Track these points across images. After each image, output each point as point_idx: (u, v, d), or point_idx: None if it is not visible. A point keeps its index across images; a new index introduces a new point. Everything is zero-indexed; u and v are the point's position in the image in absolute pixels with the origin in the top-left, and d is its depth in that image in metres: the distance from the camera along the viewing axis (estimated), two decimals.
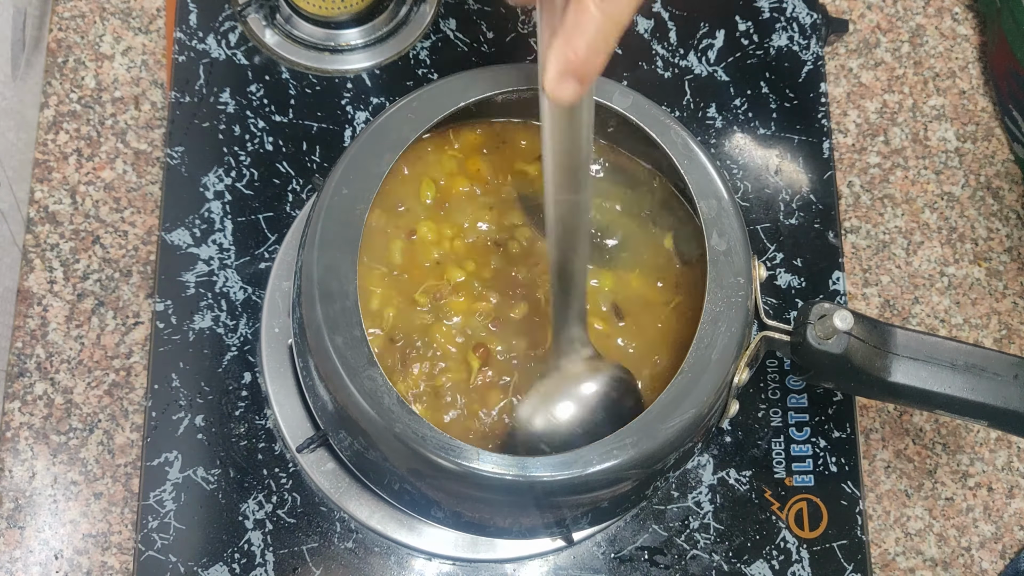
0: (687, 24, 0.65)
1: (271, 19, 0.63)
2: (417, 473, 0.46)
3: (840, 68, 0.71)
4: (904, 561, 0.61)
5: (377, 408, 0.43)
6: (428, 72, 0.63)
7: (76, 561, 0.57)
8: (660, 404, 0.44)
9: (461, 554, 0.54)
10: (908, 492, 0.62)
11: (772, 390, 0.59)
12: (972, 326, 0.66)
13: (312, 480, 0.55)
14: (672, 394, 0.45)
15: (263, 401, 0.56)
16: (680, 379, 0.45)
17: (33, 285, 0.60)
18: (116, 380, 0.59)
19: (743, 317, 0.46)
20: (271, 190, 0.60)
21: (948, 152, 0.69)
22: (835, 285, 0.61)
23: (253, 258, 0.59)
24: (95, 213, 0.62)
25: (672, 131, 0.49)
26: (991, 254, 0.67)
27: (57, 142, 0.63)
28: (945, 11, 0.73)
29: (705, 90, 0.64)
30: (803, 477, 0.57)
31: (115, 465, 0.58)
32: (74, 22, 0.66)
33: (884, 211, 0.68)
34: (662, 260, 0.52)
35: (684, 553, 0.56)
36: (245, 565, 0.54)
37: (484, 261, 0.51)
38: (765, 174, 0.63)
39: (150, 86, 0.65)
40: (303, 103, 0.61)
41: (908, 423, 0.63)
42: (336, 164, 0.48)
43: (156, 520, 0.54)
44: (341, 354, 0.44)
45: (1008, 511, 0.62)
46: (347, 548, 0.54)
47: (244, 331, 0.57)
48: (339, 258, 0.45)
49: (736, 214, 0.48)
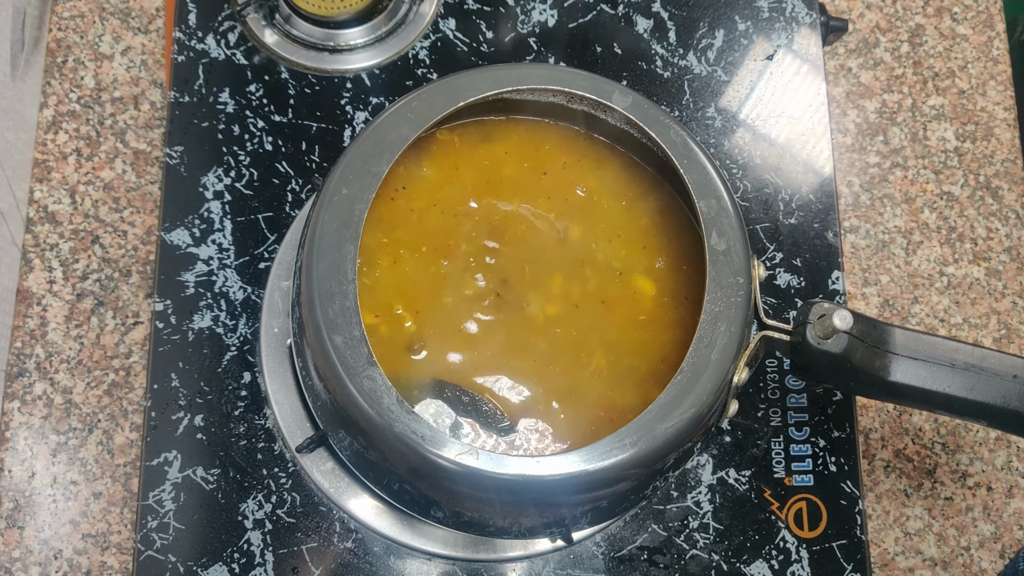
0: (687, 24, 0.65)
1: (270, 19, 0.63)
2: (417, 473, 0.46)
3: (839, 68, 0.71)
4: (903, 561, 0.61)
5: (376, 408, 0.43)
6: (428, 72, 0.63)
7: (76, 561, 0.57)
8: (660, 404, 0.44)
9: (461, 554, 0.54)
10: (907, 492, 0.62)
11: (772, 390, 0.59)
12: (971, 326, 0.66)
13: (312, 480, 0.55)
14: (672, 394, 0.45)
15: (262, 401, 0.56)
16: (680, 379, 0.45)
17: (32, 285, 0.60)
18: (115, 380, 0.59)
19: (743, 317, 0.46)
20: (270, 190, 0.60)
21: (947, 152, 0.69)
22: (834, 285, 0.61)
23: (252, 258, 0.59)
24: (94, 213, 0.62)
25: (672, 131, 0.49)
26: (990, 254, 0.67)
27: (56, 142, 0.63)
28: (945, 11, 0.73)
29: (705, 90, 0.64)
30: (802, 477, 0.57)
31: (114, 465, 0.58)
32: (73, 22, 0.66)
33: (883, 211, 0.68)
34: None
35: (683, 553, 0.56)
36: (245, 565, 0.53)
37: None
38: (765, 174, 0.63)
39: (149, 86, 0.65)
40: (303, 103, 0.61)
41: (908, 423, 0.63)
42: (336, 164, 0.48)
43: (155, 520, 0.54)
44: (340, 354, 0.44)
45: (1007, 511, 0.62)
46: (347, 548, 0.54)
47: (243, 331, 0.57)
48: (339, 258, 0.45)
49: (736, 214, 0.48)
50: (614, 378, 0.50)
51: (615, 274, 0.51)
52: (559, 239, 0.52)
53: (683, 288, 0.52)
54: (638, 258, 0.52)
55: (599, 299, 0.51)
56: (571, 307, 0.51)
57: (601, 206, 0.53)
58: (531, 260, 0.51)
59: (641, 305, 0.51)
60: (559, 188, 0.53)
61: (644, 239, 0.52)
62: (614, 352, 0.50)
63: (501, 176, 0.53)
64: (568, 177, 0.53)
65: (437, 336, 0.49)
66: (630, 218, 0.53)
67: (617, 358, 0.50)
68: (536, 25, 0.64)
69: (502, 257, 0.51)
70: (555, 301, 0.51)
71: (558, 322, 0.50)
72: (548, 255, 0.52)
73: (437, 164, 0.53)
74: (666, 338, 0.51)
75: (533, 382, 0.49)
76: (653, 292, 0.52)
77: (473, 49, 0.64)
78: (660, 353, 0.51)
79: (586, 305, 0.51)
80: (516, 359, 0.49)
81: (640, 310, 0.51)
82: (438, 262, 0.51)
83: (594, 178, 0.54)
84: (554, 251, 0.52)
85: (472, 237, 0.51)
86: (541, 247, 0.52)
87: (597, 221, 0.53)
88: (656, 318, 0.51)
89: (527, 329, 0.50)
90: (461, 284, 0.50)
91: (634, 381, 0.50)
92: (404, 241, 0.51)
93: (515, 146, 0.54)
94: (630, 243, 0.52)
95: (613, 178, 0.54)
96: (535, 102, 0.53)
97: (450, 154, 0.53)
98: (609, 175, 0.54)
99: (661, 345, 0.51)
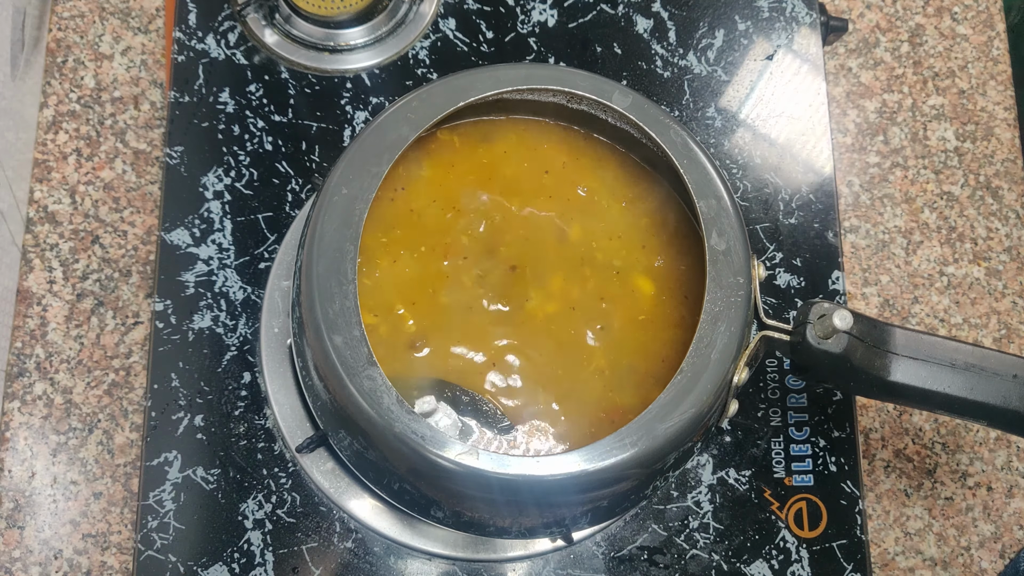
0: (686, 24, 0.65)
1: (270, 19, 0.63)
2: (417, 473, 0.46)
3: (840, 68, 0.71)
4: (903, 561, 0.61)
5: (376, 408, 0.43)
6: (428, 72, 0.63)
7: (76, 561, 0.57)
8: (660, 404, 0.44)
9: (461, 554, 0.54)
10: (907, 492, 0.62)
11: (772, 390, 0.59)
12: (971, 325, 0.66)
13: (312, 480, 0.55)
14: (672, 394, 0.45)
15: (262, 401, 0.56)
16: (680, 379, 0.45)
17: (32, 285, 0.60)
18: (116, 380, 0.59)
19: (743, 317, 0.46)
20: (270, 190, 0.60)
21: (947, 152, 0.69)
22: (834, 284, 0.61)
23: (252, 258, 0.59)
24: (94, 213, 0.62)
25: (672, 131, 0.49)
26: (990, 254, 0.67)
27: (56, 142, 0.63)
28: (945, 11, 0.73)
29: (705, 90, 0.64)
30: (803, 477, 0.57)
31: (115, 465, 0.58)
32: (73, 22, 0.66)
33: (883, 211, 0.68)
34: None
35: (683, 553, 0.56)
36: (245, 565, 0.53)
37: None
38: (765, 174, 0.63)
39: (149, 86, 0.65)
40: (302, 103, 0.61)
41: (908, 423, 0.63)
42: (336, 164, 0.48)
43: (156, 520, 0.54)
44: (340, 354, 0.44)
45: (1007, 511, 0.62)
46: (347, 548, 0.54)
47: (243, 331, 0.57)
48: (339, 258, 0.45)
49: (735, 214, 0.48)
50: (614, 378, 0.50)
51: (615, 274, 0.51)
52: (559, 239, 0.52)
53: (682, 287, 0.52)
54: (638, 258, 0.52)
55: (599, 298, 0.51)
56: (571, 306, 0.51)
57: (601, 206, 0.53)
58: (531, 260, 0.51)
59: (641, 305, 0.51)
60: (559, 188, 0.53)
61: (644, 239, 0.52)
62: (614, 352, 0.50)
63: (501, 176, 0.53)
64: (568, 177, 0.53)
65: (437, 336, 0.49)
66: (630, 218, 0.53)
67: (617, 358, 0.50)
68: (536, 25, 0.64)
69: (502, 257, 0.51)
70: (555, 300, 0.51)
71: (558, 321, 0.50)
72: (548, 255, 0.52)
73: (437, 164, 0.53)
74: (666, 337, 0.51)
75: (533, 381, 0.49)
76: (652, 291, 0.52)
77: (473, 49, 0.64)
78: (660, 353, 0.51)
79: (586, 304, 0.51)
80: (516, 359, 0.49)
81: (640, 310, 0.51)
82: (438, 262, 0.51)
83: (594, 178, 0.54)
84: (554, 251, 0.52)
85: (472, 237, 0.51)
86: (541, 247, 0.52)
87: (597, 221, 0.53)
88: (656, 318, 0.51)
89: (527, 329, 0.50)
90: (461, 284, 0.50)
91: (634, 381, 0.50)
92: (404, 241, 0.51)
93: (515, 146, 0.54)
94: (630, 243, 0.52)
95: (613, 178, 0.54)
96: (535, 102, 0.53)
97: (450, 154, 0.53)
98: (609, 175, 0.54)
99: (661, 345, 0.51)
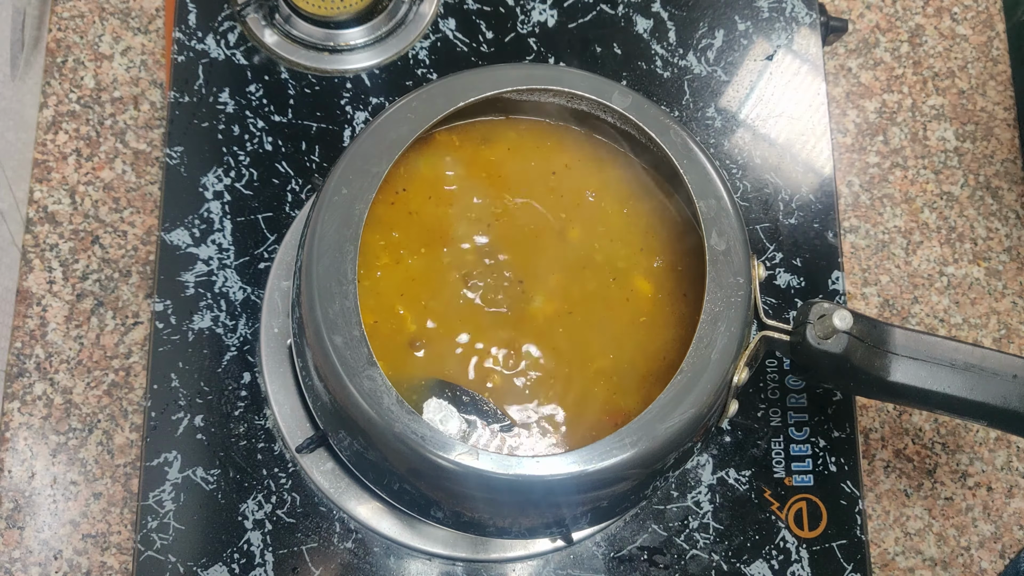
0: (686, 24, 0.65)
1: (270, 19, 0.63)
2: (417, 473, 0.46)
3: (839, 68, 0.71)
4: (903, 561, 0.61)
5: (376, 408, 0.43)
6: (428, 72, 0.63)
7: (76, 561, 0.57)
8: (660, 404, 0.44)
9: (461, 554, 0.54)
10: (907, 492, 0.62)
11: (772, 390, 0.59)
12: (971, 326, 0.66)
13: (311, 480, 0.55)
14: (672, 394, 0.45)
15: (262, 401, 0.56)
16: (680, 379, 0.45)
17: (32, 285, 0.60)
18: (115, 380, 0.59)
19: (743, 317, 0.46)
20: (270, 190, 0.60)
21: (947, 152, 0.69)
22: (834, 285, 0.61)
23: (252, 258, 0.59)
24: (94, 213, 0.62)
25: (671, 131, 0.49)
26: (990, 254, 0.67)
27: (56, 142, 0.63)
28: (944, 11, 0.73)
29: (705, 90, 0.64)
30: (802, 477, 0.57)
31: (114, 465, 0.58)
32: (73, 22, 0.66)
33: (883, 211, 0.68)
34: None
35: (683, 553, 0.56)
36: (244, 565, 0.53)
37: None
38: (765, 174, 0.63)
39: (149, 86, 0.65)
40: (302, 103, 0.61)
41: (908, 423, 0.63)
42: (336, 164, 0.48)
43: (155, 520, 0.54)
44: (340, 354, 0.44)
45: (1007, 511, 0.62)
46: (347, 548, 0.54)
47: (243, 331, 0.57)
48: (339, 258, 0.45)
49: (735, 214, 0.48)
50: (614, 378, 0.50)
51: (615, 274, 0.51)
52: (559, 239, 0.52)
53: (682, 287, 0.52)
54: (638, 258, 0.52)
55: (599, 299, 0.51)
56: (571, 307, 0.51)
57: (601, 206, 0.53)
58: (531, 260, 0.51)
59: (641, 305, 0.51)
60: (559, 188, 0.53)
61: (644, 239, 0.52)
62: (614, 352, 0.50)
63: (501, 176, 0.53)
64: (568, 177, 0.53)
65: (437, 336, 0.49)
66: (630, 218, 0.53)
67: (617, 358, 0.50)
68: (536, 25, 0.64)
69: (502, 257, 0.51)
70: (555, 301, 0.51)
71: (558, 322, 0.50)
72: (548, 255, 0.52)
73: (437, 164, 0.53)
74: (666, 337, 0.51)
75: (533, 382, 0.49)
76: (652, 292, 0.52)
77: (473, 49, 0.64)
78: (660, 353, 0.51)
79: (586, 305, 0.51)
80: (516, 359, 0.49)
81: (640, 310, 0.51)
82: (438, 262, 0.51)
83: (594, 178, 0.54)
84: (554, 251, 0.52)
85: (472, 237, 0.51)
86: (541, 247, 0.52)
87: (597, 221, 0.53)
88: (656, 318, 0.51)
89: (527, 329, 0.50)
90: (461, 284, 0.50)
91: (634, 381, 0.50)
92: (404, 241, 0.51)
93: (515, 146, 0.54)
94: (630, 243, 0.52)
95: (613, 178, 0.54)
96: (535, 102, 0.53)
97: (450, 154, 0.53)
98: (609, 175, 0.54)
99: (661, 344, 0.51)
